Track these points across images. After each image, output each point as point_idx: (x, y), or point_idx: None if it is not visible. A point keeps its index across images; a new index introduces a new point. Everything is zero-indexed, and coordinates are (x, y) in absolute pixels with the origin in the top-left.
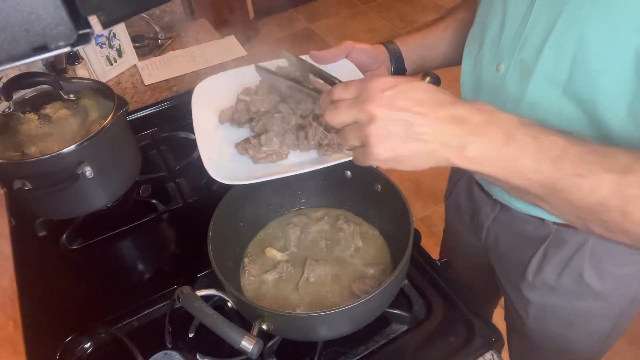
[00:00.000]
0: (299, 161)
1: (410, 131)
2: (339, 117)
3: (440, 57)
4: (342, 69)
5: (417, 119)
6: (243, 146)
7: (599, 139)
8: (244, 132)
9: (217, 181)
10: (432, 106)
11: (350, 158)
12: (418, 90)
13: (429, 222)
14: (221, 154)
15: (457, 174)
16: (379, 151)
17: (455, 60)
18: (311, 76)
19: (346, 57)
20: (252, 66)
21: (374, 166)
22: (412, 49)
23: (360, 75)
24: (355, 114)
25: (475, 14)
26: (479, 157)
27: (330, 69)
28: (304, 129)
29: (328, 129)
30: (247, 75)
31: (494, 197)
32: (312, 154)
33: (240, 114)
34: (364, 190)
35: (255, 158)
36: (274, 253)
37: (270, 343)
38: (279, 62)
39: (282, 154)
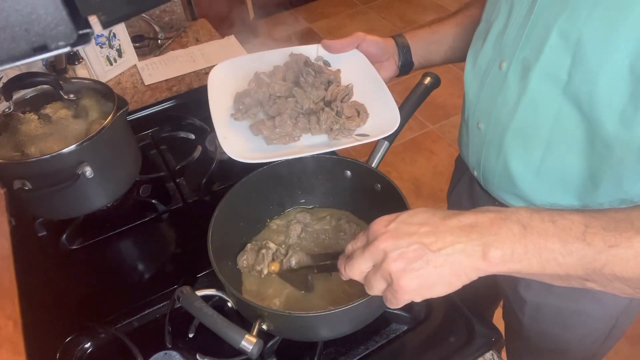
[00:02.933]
0: (310, 144)
1: (427, 251)
2: (355, 267)
3: (448, 51)
4: (353, 59)
5: (427, 238)
6: (257, 127)
7: (594, 141)
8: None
9: (217, 181)
10: (437, 222)
11: (358, 143)
12: (418, 214)
13: None
14: (236, 135)
15: (458, 174)
16: (404, 283)
17: (460, 56)
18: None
19: (357, 48)
20: (264, 52)
21: (409, 302)
22: (420, 43)
23: (370, 66)
24: (368, 257)
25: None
26: (505, 255)
27: (341, 58)
28: (316, 113)
29: (339, 114)
30: (261, 60)
31: (492, 196)
32: (323, 137)
33: (258, 96)
34: (364, 191)
35: (269, 139)
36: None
37: (270, 343)
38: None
39: (295, 136)
